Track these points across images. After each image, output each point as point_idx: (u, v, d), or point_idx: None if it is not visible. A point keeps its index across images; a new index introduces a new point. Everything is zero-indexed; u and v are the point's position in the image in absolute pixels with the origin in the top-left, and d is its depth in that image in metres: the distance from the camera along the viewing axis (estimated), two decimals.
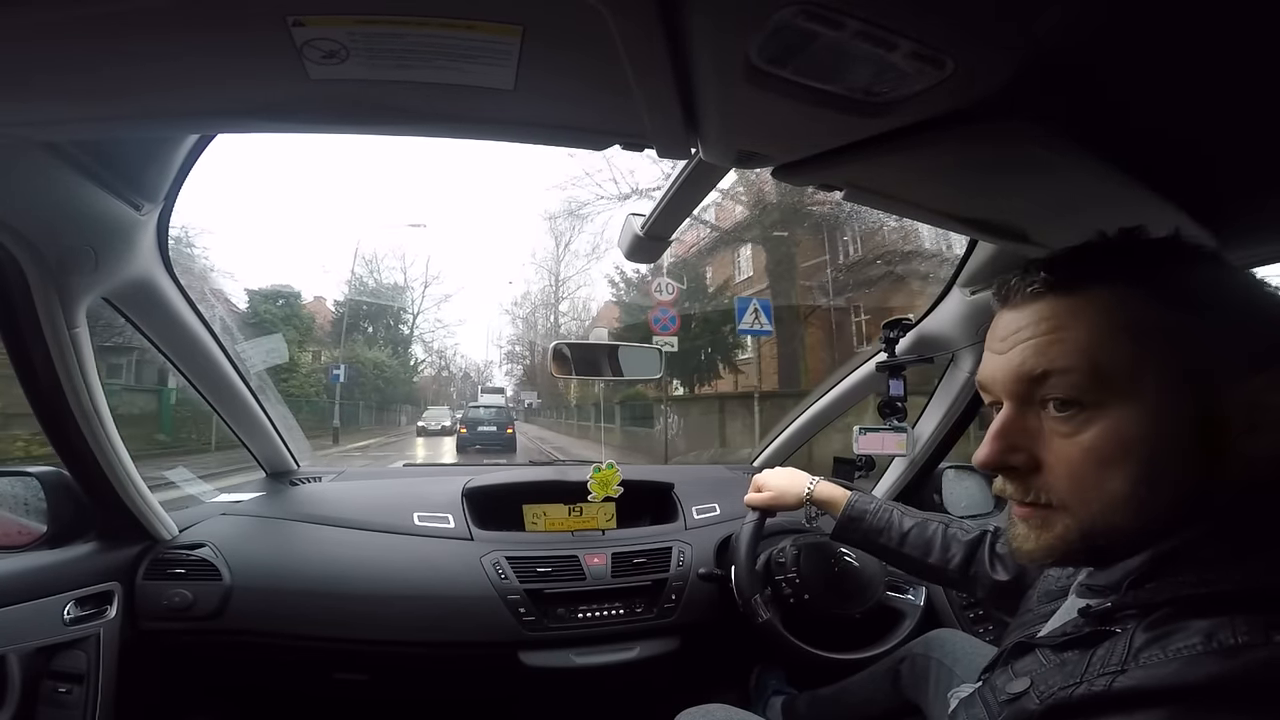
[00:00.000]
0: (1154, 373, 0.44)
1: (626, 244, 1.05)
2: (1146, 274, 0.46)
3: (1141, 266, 0.47)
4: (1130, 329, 0.45)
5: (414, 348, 29.63)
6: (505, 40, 0.52)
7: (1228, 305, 0.45)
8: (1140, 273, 0.46)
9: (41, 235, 0.87)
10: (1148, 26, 0.47)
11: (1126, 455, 0.44)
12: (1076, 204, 0.76)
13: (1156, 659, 0.39)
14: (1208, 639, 0.38)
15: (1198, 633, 0.38)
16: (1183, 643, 0.39)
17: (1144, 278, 0.46)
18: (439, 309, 35.53)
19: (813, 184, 0.80)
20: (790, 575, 1.31)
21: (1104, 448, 0.45)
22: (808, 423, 1.92)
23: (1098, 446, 0.45)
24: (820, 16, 0.45)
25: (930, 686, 1.15)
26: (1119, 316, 0.45)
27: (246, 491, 1.62)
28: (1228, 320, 0.44)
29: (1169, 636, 0.40)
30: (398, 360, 26.09)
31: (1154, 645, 0.40)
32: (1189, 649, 0.38)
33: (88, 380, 1.03)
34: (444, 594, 1.36)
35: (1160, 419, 0.44)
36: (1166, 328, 0.44)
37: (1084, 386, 0.45)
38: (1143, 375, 0.44)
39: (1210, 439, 0.43)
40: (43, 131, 0.71)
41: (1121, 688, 0.39)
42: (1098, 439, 0.45)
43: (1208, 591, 0.41)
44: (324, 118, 0.66)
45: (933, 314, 1.47)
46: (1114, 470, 0.45)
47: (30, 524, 1.19)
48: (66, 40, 0.51)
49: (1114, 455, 0.45)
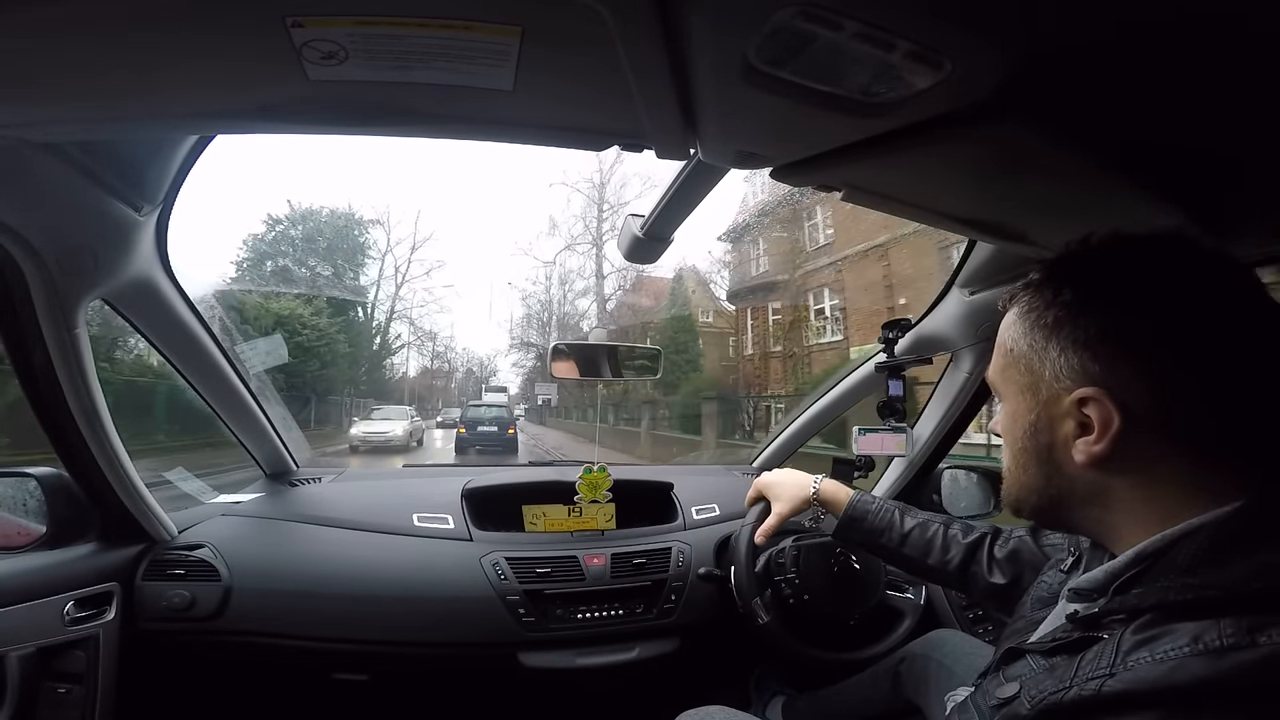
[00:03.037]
0: (1011, 385, 0.57)
1: (626, 245, 1.05)
2: (1027, 300, 0.56)
3: (1028, 292, 0.57)
4: (1003, 347, 0.58)
5: (395, 326, 23.98)
6: (504, 41, 0.53)
7: (1075, 328, 0.51)
8: (1023, 298, 0.57)
9: (42, 236, 0.87)
10: (1145, 27, 0.47)
11: (1005, 438, 0.59)
12: (1075, 204, 0.76)
13: (1144, 662, 0.40)
14: (1194, 641, 0.39)
15: (1184, 635, 0.40)
16: (1170, 646, 0.40)
17: (1027, 303, 0.56)
18: (429, 278, 28.38)
19: (811, 184, 0.80)
20: (790, 576, 1.31)
21: (1002, 434, 0.60)
22: (807, 423, 1.92)
23: (1001, 431, 0.60)
24: (819, 18, 0.46)
25: (930, 687, 1.16)
26: (1004, 336, 0.59)
27: (246, 492, 1.63)
28: (1072, 342, 0.51)
29: (1156, 640, 0.41)
30: (348, 329, 18.78)
31: (1141, 649, 0.41)
32: (1176, 651, 0.39)
33: (87, 381, 1.03)
34: (443, 594, 1.36)
35: (1015, 419, 0.57)
36: (1019, 351, 0.56)
37: (992, 385, 0.62)
38: (1006, 386, 0.58)
39: (1045, 436, 0.54)
40: (43, 133, 0.71)
41: (1110, 691, 0.40)
42: (1000, 425, 0.60)
43: (1193, 596, 0.42)
44: (323, 118, 0.66)
45: (932, 314, 1.47)
46: (1005, 448, 0.59)
47: (30, 525, 1.19)
48: (66, 41, 0.52)
49: (1004, 441, 0.60)
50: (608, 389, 14.22)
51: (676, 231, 1.01)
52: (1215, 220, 0.73)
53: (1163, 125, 0.61)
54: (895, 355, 1.57)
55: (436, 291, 34.52)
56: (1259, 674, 0.37)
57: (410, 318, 25.14)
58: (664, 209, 0.93)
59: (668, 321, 18.03)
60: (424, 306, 25.51)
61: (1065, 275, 0.54)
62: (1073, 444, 0.51)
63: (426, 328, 26.19)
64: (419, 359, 27.46)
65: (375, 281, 23.05)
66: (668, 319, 18.12)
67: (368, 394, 20.65)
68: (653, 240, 1.02)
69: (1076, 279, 0.53)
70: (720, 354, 17.38)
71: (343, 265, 21.55)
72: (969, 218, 0.87)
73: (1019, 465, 0.57)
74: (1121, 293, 0.50)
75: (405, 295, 24.60)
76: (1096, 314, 0.50)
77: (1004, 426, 0.59)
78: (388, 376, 24.53)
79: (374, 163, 44.54)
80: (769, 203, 15.01)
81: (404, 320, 24.96)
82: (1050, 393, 0.53)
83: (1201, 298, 0.48)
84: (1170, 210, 0.72)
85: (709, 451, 11.91)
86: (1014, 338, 0.57)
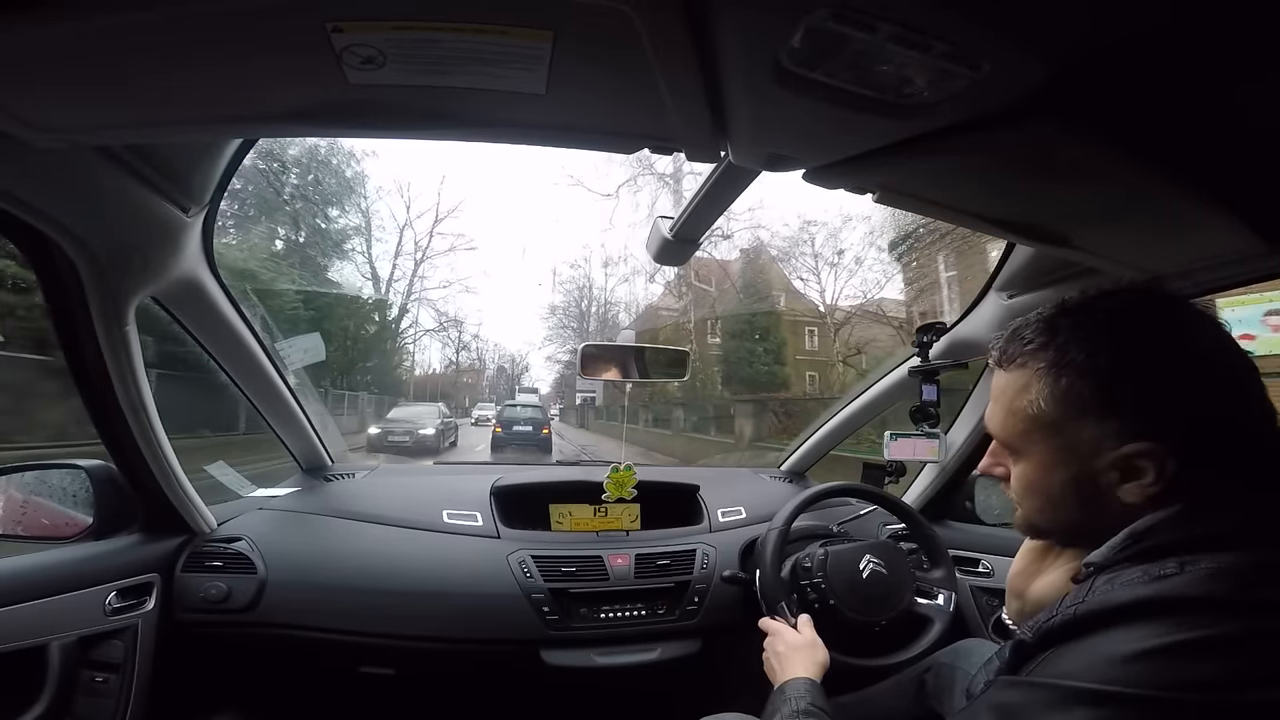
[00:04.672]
0: (1039, 445, 0.60)
1: (655, 247, 1.05)
2: (1033, 366, 0.59)
3: (1024, 354, 0.60)
4: (1018, 411, 0.60)
5: (416, 312, 20.57)
6: (536, 45, 0.53)
7: (1103, 393, 0.56)
8: (1020, 359, 0.61)
9: (96, 237, 0.91)
10: (1190, 24, 0.45)
11: (1031, 491, 0.63)
12: (1120, 207, 0.74)
13: (1105, 590, 0.52)
14: (1144, 574, 0.51)
15: (1137, 571, 0.52)
16: (1125, 579, 0.52)
17: (1036, 369, 0.59)
18: (453, 256, 23.59)
19: (844, 187, 0.79)
20: (817, 580, 1.29)
21: (1020, 483, 0.63)
22: (838, 427, 1.89)
23: (1018, 481, 0.63)
24: (852, 20, 0.45)
25: (955, 698, 1.13)
26: (1017, 401, 0.60)
27: (282, 486, 1.67)
28: (1101, 406, 0.56)
29: (1117, 577, 0.53)
30: (350, 307, 16.16)
31: (1108, 584, 0.53)
32: (1129, 581, 0.51)
33: (136, 376, 1.07)
34: (470, 591, 1.37)
35: (1048, 473, 0.60)
36: (1044, 418, 0.59)
37: (1004, 443, 0.64)
38: (1031, 446, 0.61)
39: (1087, 488, 0.58)
40: (97, 137, 0.74)
41: (1084, 611, 0.52)
42: (1018, 477, 0.63)
43: (1153, 544, 0.53)
44: (363, 122, 0.67)
45: (968, 318, 1.44)
46: (1028, 497, 0.63)
47: (78, 515, 1.24)
48: (120, 50, 0.54)
49: (1026, 490, 0.63)
50: (678, 387, 13.56)
51: (705, 234, 1.01)
52: (1266, 220, 0.71)
53: (1211, 125, 0.59)
54: (929, 359, 1.54)
55: (462, 269, 30.82)
56: (1185, 589, 0.48)
57: (430, 302, 21.91)
58: (694, 211, 0.93)
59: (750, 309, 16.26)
60: (447, 287, 22.54)
61: (1071, 335, 0.58)
62: (1118, 487, 0.56)
63: (451, 314, 23.33)
64: (442, 350, 25.09)
65: (390, 259, 19.82)
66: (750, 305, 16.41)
67: (384, 389, 18.47)
68: (682, 242, 1.02)
69: (1086, 340, 0.57)
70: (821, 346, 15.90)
71: (339, 208, 18.03)
72: (1008, 220, 0.85)
73: (1056, 506, 0.61)
74: (1135, 350, 0.55)
75: (426, 274, 21.27)
76: (1121, 375, 0.55)
77: (1029, 479, 0.62)
78: (405, 366, 21.86)
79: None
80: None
81: (425, 305, 21.81)
82: (1089, 450, 0.57)
83: (1184, 338, 0.56)
84: (1220, 213, 0.69)
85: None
86: (1032, 403, 0.59)
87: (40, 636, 1.05)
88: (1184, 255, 0.85)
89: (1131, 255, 0.88)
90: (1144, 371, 0.55)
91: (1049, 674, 0.51)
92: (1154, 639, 0.47)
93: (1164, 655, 0.46)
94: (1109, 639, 0.49)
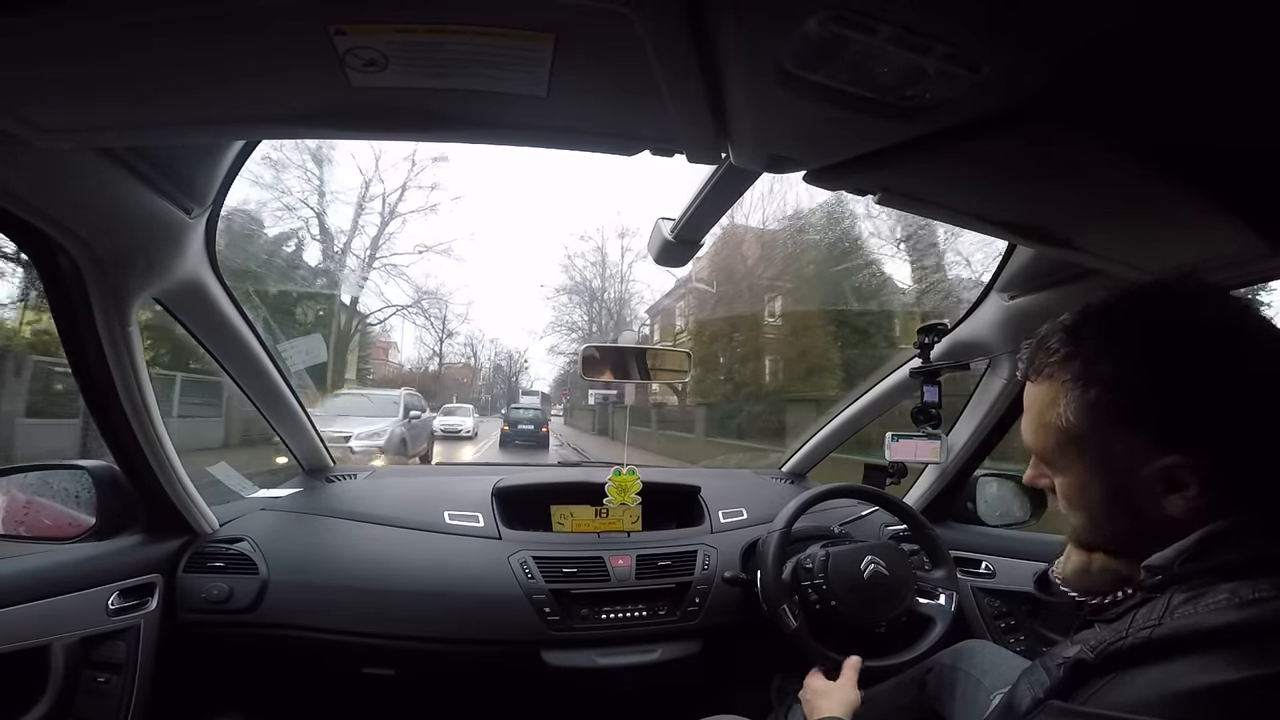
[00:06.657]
0: (1073, 459, 0.58)
1: (656, 248, 1.05)
2: (1061, 377, 0.57)
3: (1051, 364, 0.58)
4: (1049, 425, 0.58)
5: (379, 280, 15.87)
6: (537, 47, 0.53)
7: (1140, 403, 0.53)
8: (1049, 369, 0.58)
9: (99, 238, 0.91)
10: (1191, 25, 0.46)
11: (1072, 505, 0.60)
12: (1120, 208, 0.74)
13: (1188, 613, 0.47)
14: (1231, 595, 0.46)
15: (1223, 592, 0.47)
16: (1210, 600, 0.47)
17: (1068, 378, 0.56)
18: (427, 219, 19.69)
19: (845, 189, 0.79)
20: (818, 581, 1.30)
21: (1063, 497, 0.60)
22: (838, 429, 1.90)
23: (1061, 494, 0.60)
24: (853, 22, 0.45)
25: (956, 699, 1.13)
26: (1046, 414, 0.58)
27: (285, 487, 1.67)
28: (1136, 419, 0.53)
29: (1199, 597, 0.48)
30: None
31: (1187, 604, 0.48)
32: (1215, 604, 0.46)
33: (138, 377, 1.07)
34: (471, 591, 1.37)
35: (1085, 487, 0.58)
36: (1075, 430, 0.56)
37: (1040, 457, 0.61)
38: (1064, 460, 0.58)
39: (1127, 501, 0.55)
40: (101, 138, 0.74)
41: (1160, 636, 0.47)
42: (1060, 490, 0.60)
43: (1240, 558, 0.49)
44: (365, 124, 0.68)
45: (969, 319, 1.44)
46: (1072, 512, 0.60)
47: (81, 516, 1.24)
48: (124, 53, 0.54)
49: (1068, 504, 0.60)
50: (734, 375, 12.40)
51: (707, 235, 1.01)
52: (1268, 221, 0.70)
53: (1211, 126, 0.59)
54: (930, 360, 1.54)
55: (445, 231, 24.37)
56: None
57: (398, 268, 16.32)
58: (695, 212, 0.93)
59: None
60: (423, 252, 17.30)
61: (1097, 345, 0.55)
62: (1163, 499, 0.53)
63: (431, 288, 17.58)
64: (418, 336, 19.59)
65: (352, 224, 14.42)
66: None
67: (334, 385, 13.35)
68: (683, 244, 1.02)
69: (1112, 349, 0.55)
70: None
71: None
72: (1009, 222, 0.85)
73: (1098, 520, 0.59)
74: (1161, 359, 0.52)
75: (395, 232, 16.18)
76: (1149, 386, 0.53)
77: (1068, 494, 0.60)
78: (363, 355, 16.88)
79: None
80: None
81: (392, 273, 16.38)
82: (1124, 463, 0.54)
83: (1224, 338, 0.52)
84: (1221, 213, 0.69)
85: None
86: (1060, 416, 0.57)
87: (43, 637, 1.05)
88: (1185, 256, 0.84)
89: (1132, 256, 0.88)
90: (1173, 382, 0.52)
91: (1112, 704, 0.46)
92: (1246, 670, 0.42)
93: (1260, 689, 0.42)
94: (1187, 667, 0.44)
